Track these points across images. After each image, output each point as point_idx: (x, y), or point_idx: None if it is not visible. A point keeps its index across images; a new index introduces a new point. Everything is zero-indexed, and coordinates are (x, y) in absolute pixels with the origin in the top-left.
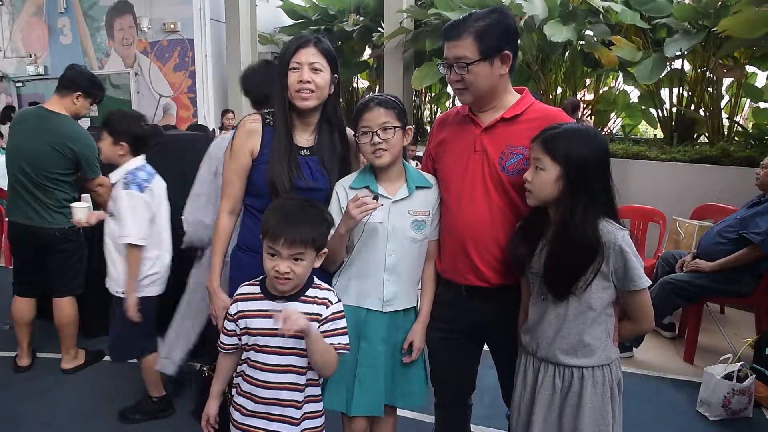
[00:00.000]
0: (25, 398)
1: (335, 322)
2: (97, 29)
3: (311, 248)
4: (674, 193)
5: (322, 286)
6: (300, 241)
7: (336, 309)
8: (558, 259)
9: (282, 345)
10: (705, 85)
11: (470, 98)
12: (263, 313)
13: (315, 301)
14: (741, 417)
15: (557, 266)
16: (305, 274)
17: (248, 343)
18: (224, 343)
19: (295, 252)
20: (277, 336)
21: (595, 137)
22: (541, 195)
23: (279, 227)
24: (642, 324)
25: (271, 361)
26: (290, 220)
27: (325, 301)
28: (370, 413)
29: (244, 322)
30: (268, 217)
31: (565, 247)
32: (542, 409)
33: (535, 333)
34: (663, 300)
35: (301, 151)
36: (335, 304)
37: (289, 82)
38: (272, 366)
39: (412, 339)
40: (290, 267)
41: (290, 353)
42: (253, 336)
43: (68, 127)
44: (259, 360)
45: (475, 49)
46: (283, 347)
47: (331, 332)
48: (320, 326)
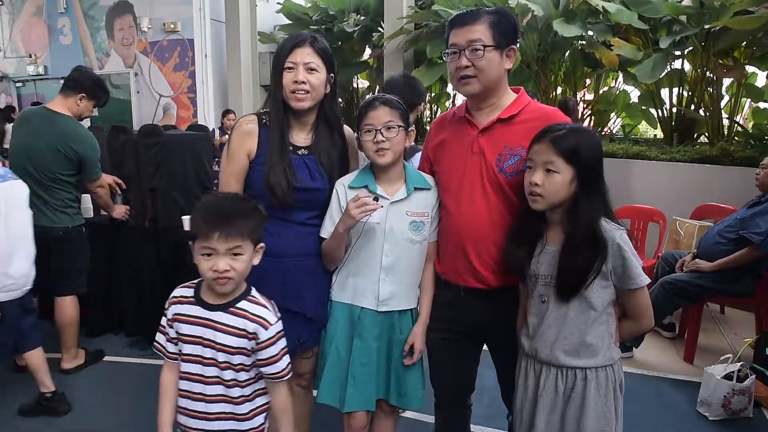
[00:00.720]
0: (25, 398)
1: (276, 346)
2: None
3: (248, 241)
4: (674, 193)
5: (259, 300)
6: (236, 233)
7: (276, 330)
8: (572, 262)
9: (206, 356)
10: (705, 85)
11: (477, 87)
12: (192, 320)
13: (246, 316)
14: (741, 417)
15: (570, 269)
16: (245, 271)
17: (177, 351)
18: (169, 351)
19: (233, 246)
20: (203, 345)
21: (594, 135)
22: (554, 198)
23: (212, 223)
24: (641, 322)
25: (195, 370)
26: (222, 214)
27: (262, 321)
28: (362, 408)
29: (177, 327)
30: (197, 216)
31: (579, 250)
32: (544, 412)
33: (535, 336)
34: (663, 300)
35: (298, 151)
36: (274, 324)
37: (284, 82)
38: (197, 376)
39: (413, 341)
40: (229, 264)
41: (211, 364)
42: (183, 343)
43: (71, 128)
44: (184, 369)
45: (490, 36)
46: (206, 357)
47: (276, 357)
48: (259, 350)
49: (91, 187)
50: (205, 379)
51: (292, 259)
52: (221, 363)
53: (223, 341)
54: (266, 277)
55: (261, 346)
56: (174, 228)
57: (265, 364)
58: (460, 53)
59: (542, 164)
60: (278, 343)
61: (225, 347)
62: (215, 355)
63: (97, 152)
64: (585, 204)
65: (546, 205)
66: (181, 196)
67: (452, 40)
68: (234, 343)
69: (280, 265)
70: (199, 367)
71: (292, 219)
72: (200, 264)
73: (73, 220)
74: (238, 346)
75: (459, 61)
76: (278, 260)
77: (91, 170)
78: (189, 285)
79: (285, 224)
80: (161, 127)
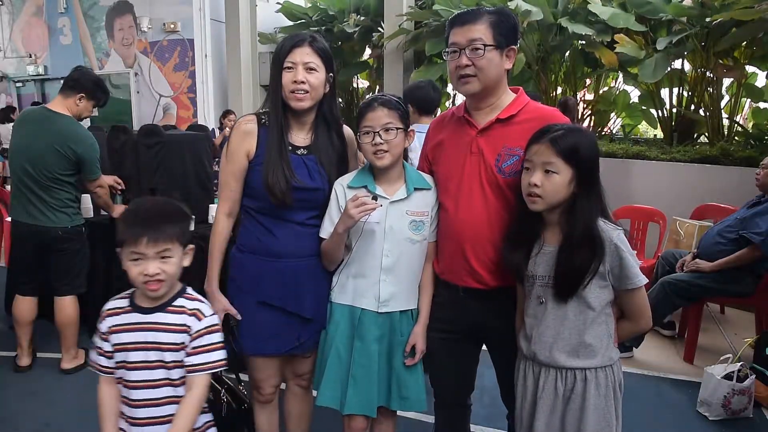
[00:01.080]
0: (25, 398)
1: (208, 337)
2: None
3: (177, 244)
4: (674, 193)
5: (195, 297)
6: (165, 236)
7: (210, 322)
8: (571, 262)
9: (150, 359)
10: (705, 85)
11: (477, 86)
12: (132, 327)
13: (184, 311)
14: (741, 417)
15: (569, 270)
16: (176, 273)
17: (120, 361)
18: (103, 365)
19: (162, 249)
20: (146, 350)
21: (592, 136)
22: (553, 199)
23: (140, 227)
24: (639, 322)
25: (142, 377)
26: (150, 218)
27: (196, 312)
28: (362, 412)
29: (116, 337)
30: (124, 222)
31: (578, 250)
32: (544, 414)
33: (534, 338)
34: (663, 300)
35: (298, 151)
36: (209, 316)
37: (284, 82)
38: (145, 382)
39: (414, 341)
40: (159, 267)
41: (159, 366)
42: (124, 352)
43: (70, 128)
44: (132, 378)
45: (490, 35)
46: (152, 361)
47: (204, 348)
48: (191, 341)
49: (91, 187)
50: (154, 383)
51: (290, 260)
52: (168, 363)
53: (167, 339)
54: (264, 277)
55: (193, 337)
56: None
57: (193, 353)
58: (460, 52)
59: (541, 165)
60: (210, 336)
61: (170, 345)
62: (161, 356)
63: (96, 152)
64: (583, 204)
65: (545, 206)
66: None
67: (453, 39)
68: (178, 339)
69: (278, 266)
70: (146, 373)
71: (292, 219)
72: (129, 270)
73: (73, 220)
74: (182, 341)
75: (459, 60)
76: (277, 261)
77: (91, 170)
78: (122, 296)
79: (284, 224)
80: (161, 127)
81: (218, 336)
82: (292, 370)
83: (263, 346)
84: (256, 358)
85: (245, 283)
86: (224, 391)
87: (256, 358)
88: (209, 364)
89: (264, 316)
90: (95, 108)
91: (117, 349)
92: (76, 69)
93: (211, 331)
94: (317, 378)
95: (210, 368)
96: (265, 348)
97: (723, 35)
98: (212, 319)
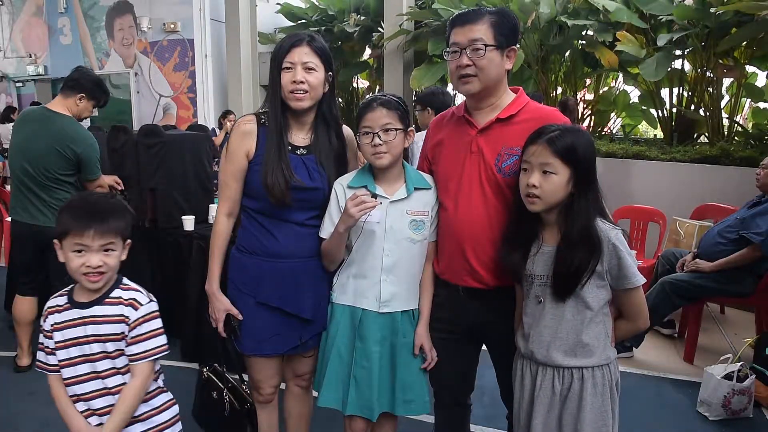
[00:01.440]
0: (25, 398)
1: (147, 324)
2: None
3: (119, 238)
4: (674, 193)
5: (131, 286)
6: (111, 229)
7: (147, 310)
8: (568, 262)
9: (94, 351)
10: (705, 85)
11: (478, 86)
12: (71, 323)
13: (120, 302)
14: (741, 417)
15: (566, 269)
16: (116, 266)
17: (65, 358)
18: (48, 363)
19: (106, 242)
20: (89, 343)
21: (588, 136)
22: (552, 200)
23: (85, 219)
24: (637, 322)
25: (89, 369)
26: (95, 211)
27: (132, 302)
28: (363, 414)
29: (60, 334)
30: (67, 214)
31: (576, 250)
32: (541, 413)
33: (531, 337)
34: (663, 300)
35: (297, 150)
36: (146, 305)
37: (283, 82)
38: (91, 374)
39: (420, 342)
40: (102, 260)
41: (103, 357)
42: (66, 349)
43: (70, 128)
44: (79, 372)
45: (491, 35)
46: (96, 353)
47: (143, 336)
48: (130, 331)
49: (90, 188)
50: (100, 374)
51: (290, 261)
52: (112, 353)
53: (107, 331)
54: (264, 278)
55: (131, 326)
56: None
57: (132, 342)
58: (461, 52)
59: (539, 166)
60: (149, 323)
61: (110, 336)
62: (104, 347)
63: (96, 152)
64: (581, 204)
65: (544, 206)
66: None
67: (453, 39)
68: (117, 330)
69: (278, 267)
70: (89, 366)
71: (292, 219)
72: (71, 261)
73: None
74: (122, 331)
75: (460, 60)
76: (276, 261)
77: (90, 170)
78: (61, 294)
79: (284, 225)
80: (161, 127)
81: (157, 322)
82: (291, 371)
83: (263, 347)
84: (255, 359)
85: (245, 284)
86: (227, 390)
87: (256, 359)
88: (149, 352)
89: (264, 316)
90: (95, 108)
91: (60, 346)
92: (76, 69)
93: (149, 319)
94: (318, 379)
95: (150, 355)
96: (264, 348)
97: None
98: (149, 307)
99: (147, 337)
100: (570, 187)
